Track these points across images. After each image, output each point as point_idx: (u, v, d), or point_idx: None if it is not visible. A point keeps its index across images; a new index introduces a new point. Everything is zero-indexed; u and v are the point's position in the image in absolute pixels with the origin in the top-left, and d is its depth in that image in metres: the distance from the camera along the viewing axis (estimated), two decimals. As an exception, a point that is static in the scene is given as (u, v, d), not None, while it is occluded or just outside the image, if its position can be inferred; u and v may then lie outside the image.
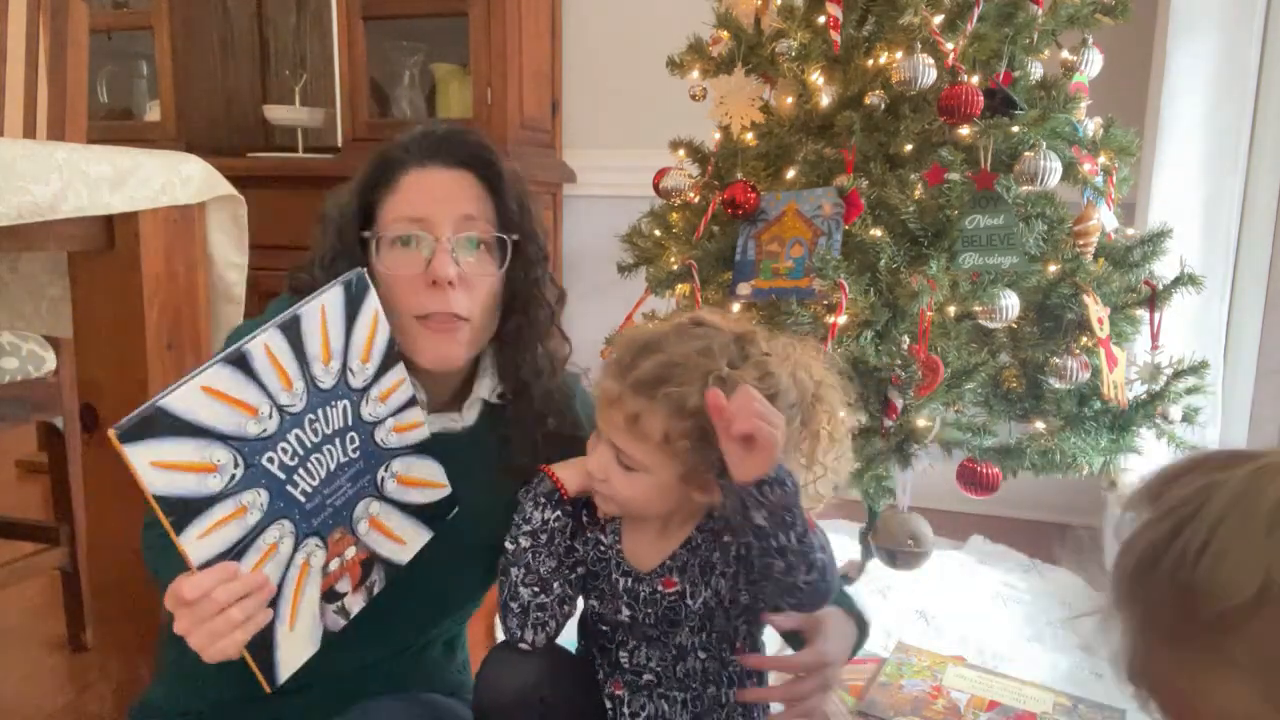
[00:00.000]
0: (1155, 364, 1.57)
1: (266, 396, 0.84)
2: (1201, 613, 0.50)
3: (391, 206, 1.00)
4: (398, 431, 0.98)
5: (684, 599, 1.03)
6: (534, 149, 2.59)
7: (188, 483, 0.79)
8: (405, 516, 1.00)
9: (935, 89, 1.47)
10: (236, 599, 0.80)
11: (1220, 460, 0.54)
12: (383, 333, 0.95)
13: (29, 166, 1.04)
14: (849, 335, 1.42)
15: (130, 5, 2.99)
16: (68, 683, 1.62)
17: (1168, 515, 0.52)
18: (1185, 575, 0.50)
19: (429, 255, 0.97)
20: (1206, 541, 0.50)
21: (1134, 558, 0.54)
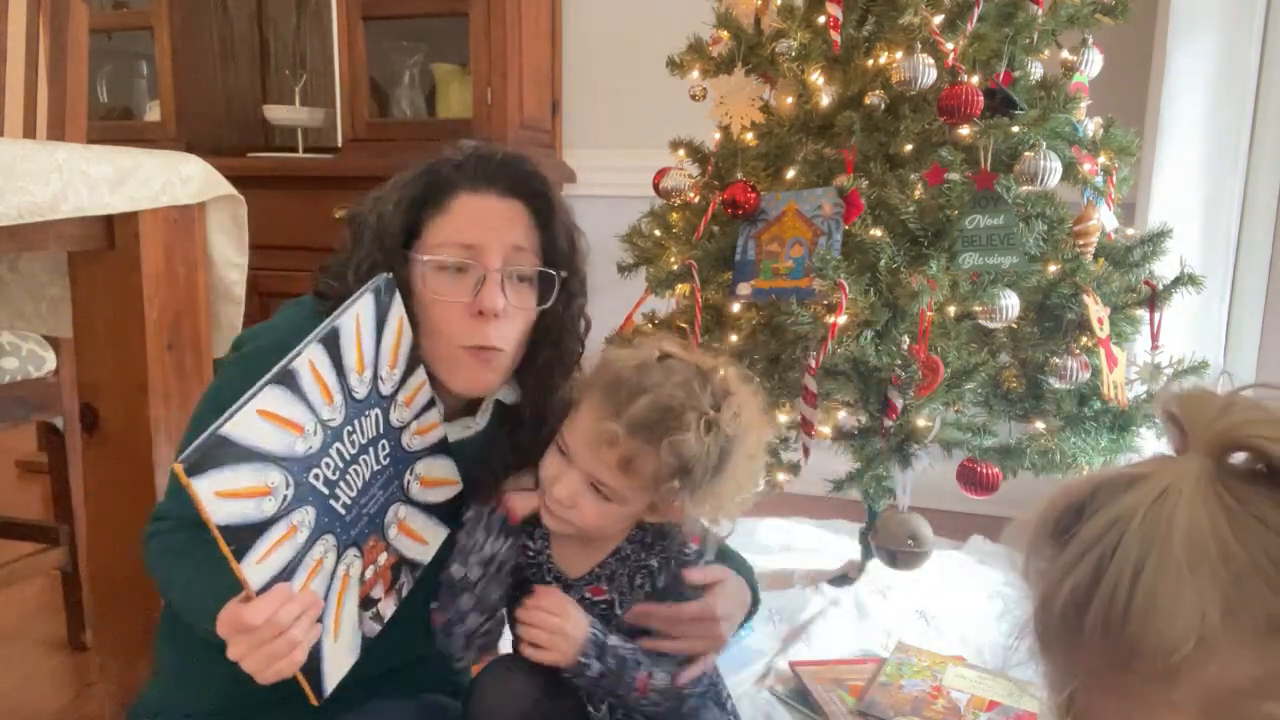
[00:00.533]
0: (1155, 364, 1.57)
1: (311, 413, 0.84)
2: (1138, 664, 0.48)
3: (440, 228, 0.99)
4: (420, 434, 0.98)
5: (613, 608, 1.06)
6: (534, 149, 2.59)
7: (246, 509, 0.78)
8: (427, 517, 1.00)
9: (935, 89, 1.47)
10: (294, 621, 0.80)
11: (1118, 484, 0.51)
12: (406, 337, 0.95)
13: (29, 166, 1.04)
14: (849, 335, 1.42)
15: (130, 5, 2.99)
16: (68, 683, 1.62)
17: (1085, 555, 0.50)
18: (1116, 628, 0.48)
19: (476, 284, 0.97)
20: (1131, 592, 0.47)
21: (1059, 606, 0.51)
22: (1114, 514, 0.50)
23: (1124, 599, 0.48)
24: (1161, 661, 0.47)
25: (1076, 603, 0.50)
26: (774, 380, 1.55)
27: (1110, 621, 0.48)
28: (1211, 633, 0.46)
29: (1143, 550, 0.47)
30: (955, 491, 1.50)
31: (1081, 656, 0.52)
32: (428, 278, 0.98)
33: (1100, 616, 0.49)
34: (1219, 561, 0.46)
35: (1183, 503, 0.47)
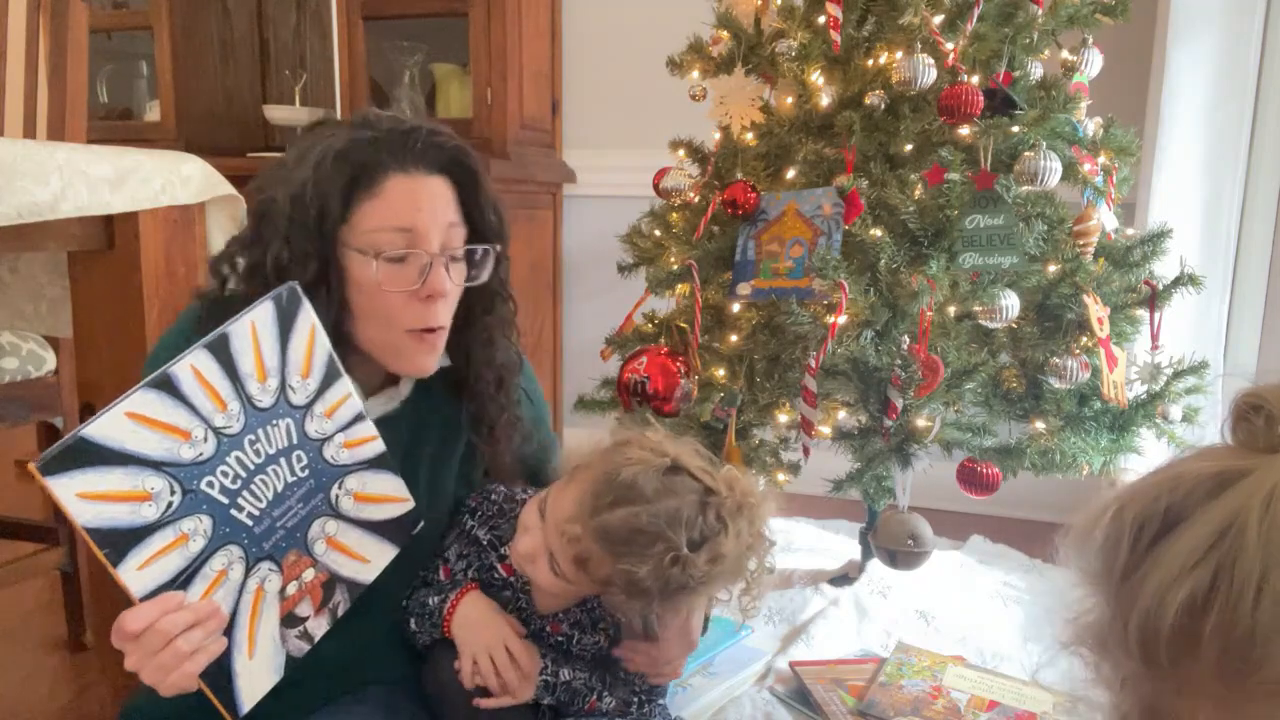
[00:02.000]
0: (1155, 364, 1.57)
1: (199, 419, 0.81)
2: (1256, 681, 0.46)
3: (374, 212, 0.95)
4: (348, 447, 0.95)
5: (570, 643, 1.11)
6: (534, 149, 2.59)
7: (119, 513, 0.76)
8: (366, 534, 0.98)
9: (935, 89, 1.47)
10: (183, 630, 0.78)
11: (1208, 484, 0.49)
12: (321, 346, 0.91)
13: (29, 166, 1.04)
14: (849, 335, 1.42)
15: (130, 5, 2.99)
16: (68, 683, 1.61)
17: (1197, 565, 0.47)
18: (1239, 643, 0.45)
19: (423, 270, 0.96)
20: (1256, 605, 0.44)
21: (1170, 618, 0.48)
22: (1221, 519, 0.47)
23: (1248, 612, 0.45)
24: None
25: (1192, 618, 0.47)
26: (774, 380, 1.55)
27: (1232, 640, 0.46)
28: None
29: (1266, 561, 0.45)
30: (955, 491, 1.50)
31: (1197, 677, 0.48)
32: (368, 265, 0.95)
33: (1221, 633, 0.46)
34: None
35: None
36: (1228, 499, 0.47)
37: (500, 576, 1.11)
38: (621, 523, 0.95)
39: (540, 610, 1.11)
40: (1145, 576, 0.49)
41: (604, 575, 0.98)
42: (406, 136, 0.96)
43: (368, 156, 0.95)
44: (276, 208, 0.95)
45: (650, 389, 1.52)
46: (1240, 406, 0.51)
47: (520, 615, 1.10)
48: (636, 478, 0.97)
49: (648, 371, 1.53)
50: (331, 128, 0.98)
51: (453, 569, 1.13)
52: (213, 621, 0.81)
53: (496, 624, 1.06)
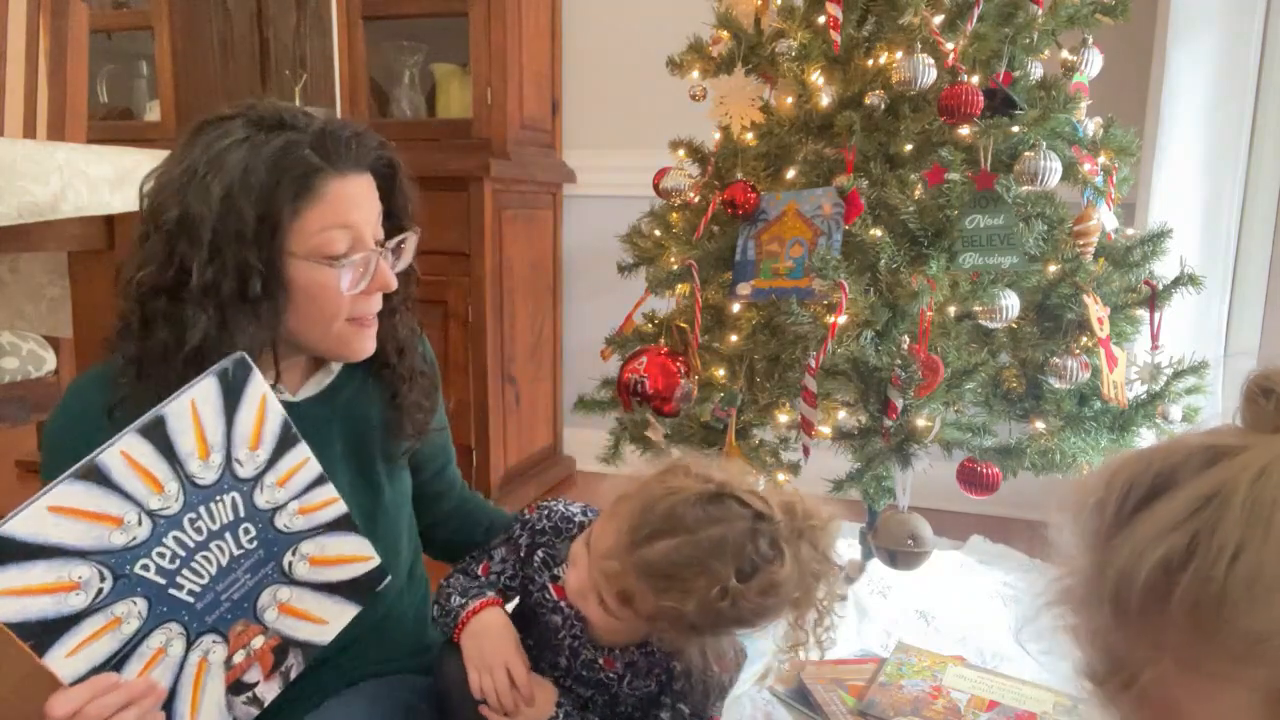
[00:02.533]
0: (1155, 364, 1.57)
1: (132, 504, 0.78)
2: (1223, 642, 0.47)
3: (314, 216, 0.92)
4: (304, 513, 0.92)
5: (620, 683, 1.06)
6: (534, 149, 2.59)
7: (43, 605, 0.75)
8: (325, 596, 0.95)
9: (935, 89, 1.47)
10: (115, 711, 0.77)
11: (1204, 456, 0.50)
12: (274, 416, 0.87)
13: (29, 166, 1.04)
14: (849, 335, 1.42)
15: (130, 5, 2.99)
16: (68, 683, 1.61)
17: (1176, 528, 0.48)
18: (1209, 606, 0.47)
19: (366, 265, 0.97)
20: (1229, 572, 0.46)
21: (1142, 578, 0.49)
22: (1208, 488, 0.48)
23: (1220, 578, 0.46)
24: (1251, 644, 0.46)
25: (1167, 576, 0.48)
26: (774, 380, 1.55)
27: (1203, 599, 0.47)
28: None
29: (1246, 531, 0.46)
30: (955, 491, 1.50)
31: (1161, 630, 0.50)
32: (318, 270, 0.94)
33: (1192, 593, 0.47)
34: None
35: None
36: (1218, 471, 0.49)
37: (551, 599, 1.06)
38: (662, 556, 0.90)
39: (597, 642, 1.06)
40: (1128, 535, 0.51)
41: (649, 611, 0.93)
42: (336, 139, 0.94)
43: (304, 162, 0.91)
44: (197, 221, 0.88)
45: (650, 389, 1.52)
46: (1250, 389, 0.52)
47: (574, 643, 1.06)
48: (675, 507, 0.92)
49: (648, 371, 1.53)
50: (234, 128, 0.91)
51: (492, 568, 1.11)
52: (148, 699, 0.80)
53: (504, 646, 1.02)
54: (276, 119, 0.93)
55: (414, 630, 1.18)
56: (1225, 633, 0.47)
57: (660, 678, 1.07)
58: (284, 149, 0.90)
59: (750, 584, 0.91)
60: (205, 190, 0.88)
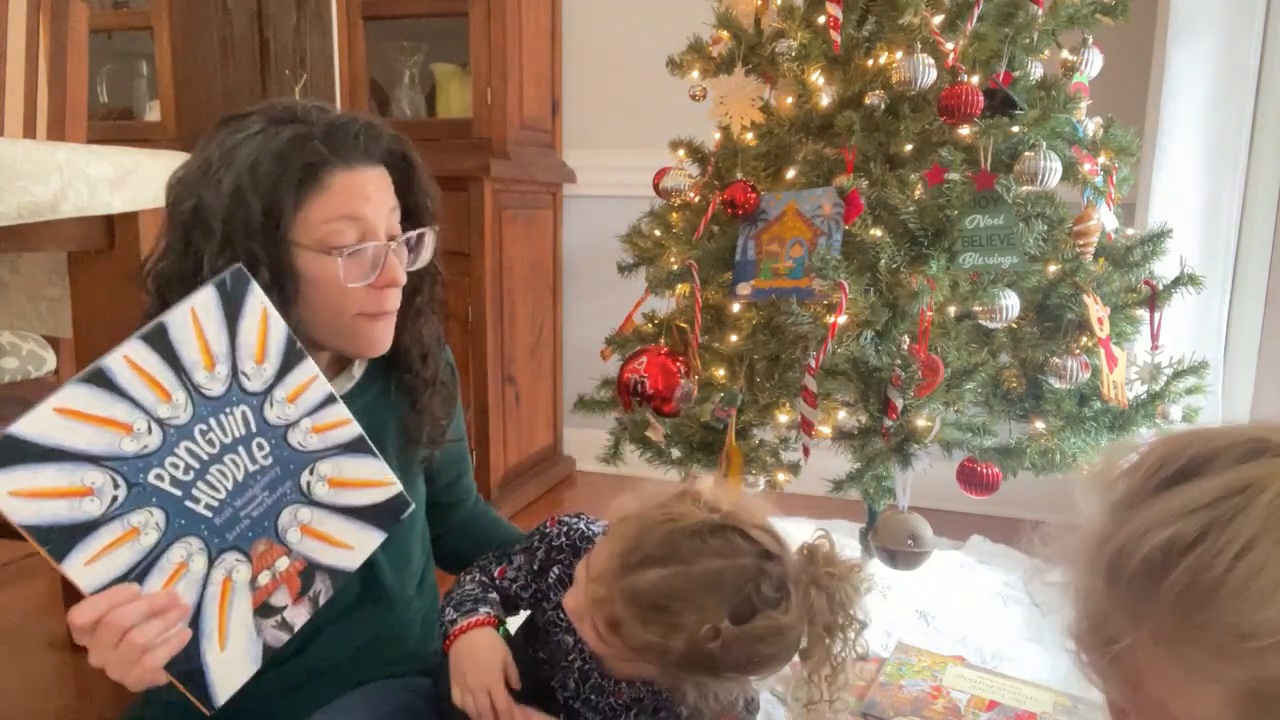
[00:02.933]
0: (1155, 364, 1.57)
1: (140, 411, 0.79)
2: (1206, 636, 0.47)
3: (321, 207, 0.93)
4: (317, 432, 0.91)
5: (625, 715, 1.02)
6: (534, 149, 2.59)
7: (58, 509, 0.75)
8: (346, 519, 0.95)
9: (935, 89, 1.47)
10: (138, 621, 0.77)
11: (1248, 448, 0.49)
12: (277, 330, 0.87)
13: (29, 166, 1.04)
14: (849, 335, 1.42)
15: (130, 5, 2.99)
16: (68, 683, 1.62)
17: (1194, 513, 0.48)
18: (1200, 595, 0.46)
19: (377, 260, 0.96)
20: (1231, 566, 0.45)
21: (1143, 551, 0.49)
22: (1240, 480, 0.47)
23: (1220, 570, 0.46)
24: (1234, 642, 0.46)
25: (1167, 558, 0.48)
26: (774, 380, 1.55)
27: (1196, 587, 0.47)
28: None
29: (1262, 529, 0.45)
30: (955, 491, 1.50)
31: (1145, 606, 0.50)
32: (324, 261, 0.94)
33: (1186, 578, 0.47)
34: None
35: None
36: (1253, 466, 0.48)
37: (564, 619, 1.01)
38: (651, 585, 0.84)
39: (605, 670, 1.01)
40: (1144, 509, 0.50)
41: (636, 644, 0.87)
42: (345, 131, 0.95)
43: (309, 155, 0.92)
44: (209, 213, 0.90)
45: (650, 389, 1.52)
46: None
47: (584, 666, 1.02)
48: (673, 534, 0.86)
49: (648, 371, 1.53)
50: (251, 122, 0.94)
51: (508, 574, 1.08)
52: (172, 613, 0.80)
53: (488, 669, 0.99)
54: (290, 114, 0.95)
55: (420, 636, 1.17)
56: (1210, 625, 0.47)
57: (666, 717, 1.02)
58: (291, 141, 0.92)
59: (746, 627, 0.84)
60: (218, 183, 0.90)
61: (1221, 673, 0.48)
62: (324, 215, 0.93)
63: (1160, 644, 0.50)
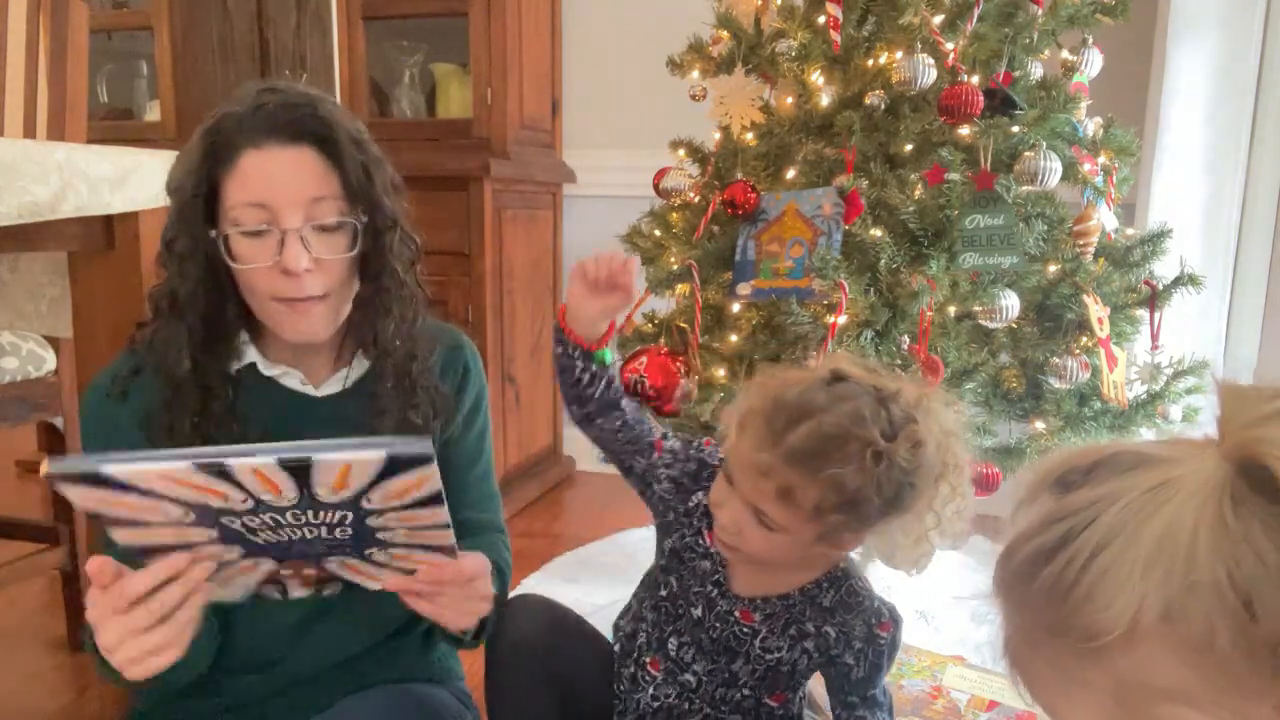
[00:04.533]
0: (1155, 364, 1.57)
1: (244, 492, 0.76)
2: (1069, 637, 0.50)
3: (232, 191, 0.93)
4: (404, 521, 0.84)
5: (753, 639, 1.04)
6: (534, 149, 2.59)
7: (121, 513, 0.75)
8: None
9: (935, 89, 1.47)
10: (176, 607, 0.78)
11: (1126, 462, 0.51)
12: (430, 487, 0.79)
13: (29, 166, 1.04)
14: (849, 335, 1.42)
15: (130, 5, 2.99)
16: (68, 683, 1.62)
17: (1060, 521, 0.51)
18: (1059, 598, 0.49)
19: (279, 245, 0.93)
20: (1083, 570, 0.48)
21: (1019, 559, 0.53)
22: (1104, 491, 0.50)
23: (1074, 574, 0.49)
24: (1087, 641, 0.49)
25: (1034, 562, 0.51)
26: (774, 380, 1.55)
27: (1056, 590, 0.50)
28: (1142, 630, 0.47)
29: (1110, 534, 0.48)
30: (955, 491, 1.50)
31: (1024, 612, 0.54)
32: (232, 245, 0.94)
33: (1049, 582, 0.50)
34: (1180, 567, 0.46)
35: (1176, 500, 0.47)
36: (1126, 479, 0.50)
37: (703, 544, 1.06)
38: (807, 437, 0.88)
39: (737, 590, 1.04)
40: (1030, 514, 0.55)
41: (814, 501, 0.90)
42: (262, 111, 0.92)
43: (225, 134, 0.92)
44: (173, 194, 0.95)
45: (650, 389, 1.52)
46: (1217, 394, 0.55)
47: (713, 592, 1.04)
48: (803, 394, 0.91)
49: (648, 371, 1.53)
50: (220, 107, 0.95)
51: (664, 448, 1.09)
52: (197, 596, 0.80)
53: None
54: (246, 94, 0.95)
55: (420, 646, 1.15)
56: (1068, 627, 0.50)
57: (795, 640, 1.04)
58: (217, 123, 0.92)
59: (898, 442, 0.89)
60: (181, 163, 0.95)
61: (1085, 676, 0.50)
62: (235, 199, 0.93)
63: (1036, 649, 0.54)
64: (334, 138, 0.94)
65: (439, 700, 1.08)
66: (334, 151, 0.95)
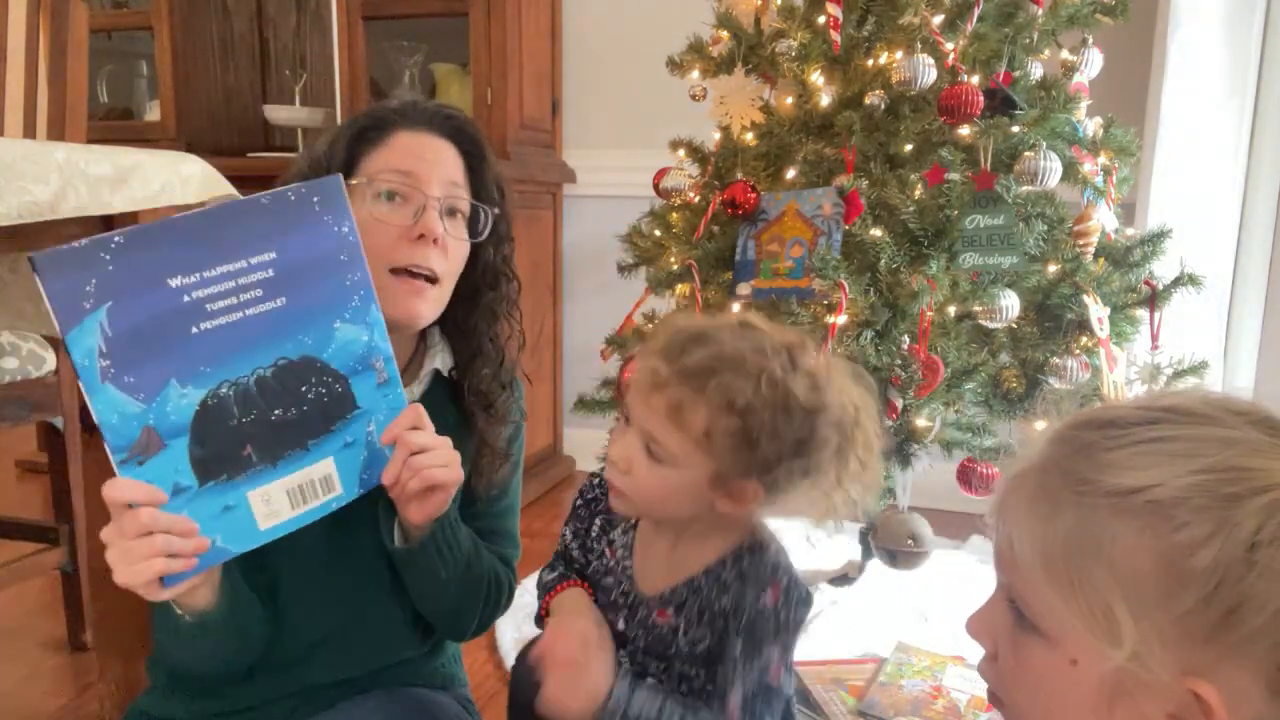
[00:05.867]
0: (1155, 364, 1.57)
1: None
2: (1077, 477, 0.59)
3: (378, 158, 1.00)
4: None
5: (676, 637, 0.98)
6: (534, 149, 2.59)
7: None
8: None
9: (935, 89, 1.47)
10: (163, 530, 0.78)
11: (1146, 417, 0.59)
12: None
13: (29, 166, 1.04)
14: (849, 335, 1.42)
15: (130, 5, 2.99)
16: (68, 683, 1.62)
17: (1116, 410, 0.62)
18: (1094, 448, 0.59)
19: (417, 211, 0.98)
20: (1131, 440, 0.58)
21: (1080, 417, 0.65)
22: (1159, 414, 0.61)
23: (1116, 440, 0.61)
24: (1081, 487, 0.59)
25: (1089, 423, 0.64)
26: (774, 380, 1.55)
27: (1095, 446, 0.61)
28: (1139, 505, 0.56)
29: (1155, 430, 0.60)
30: (955, 491, 1.50)
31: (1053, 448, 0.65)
32: (369, 204, 0.98)
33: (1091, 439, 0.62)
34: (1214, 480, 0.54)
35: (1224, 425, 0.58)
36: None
37: (606, 561, 1.03)
38: (703, 358, 0.86)
39: (645, 589, 0.99)
40: None
41: (704, 421, 0.86)
42: (416, 104, 1.04)
43: (380, 115, 1.02)
44: (298, 172, 1.01)
45: (650, 389, 1.52)
46: None
47: (625, 600, 1.00)
48: (706, 328, 0.90)
49: (648, 371, 1.52)
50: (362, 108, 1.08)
51: (562, 542, 1.08)
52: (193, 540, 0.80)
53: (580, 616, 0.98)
54: (385, 100, 1.06)
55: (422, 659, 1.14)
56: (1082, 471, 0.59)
57: (716, 629, 0.95)
58: (371, 108, 1.03)
59: (797, 372, 0.86)
60: (312, 149, 1.04)
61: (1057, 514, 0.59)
62: (379, 165, 1.00)
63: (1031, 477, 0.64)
64: (480, 143, 1.07)
65: (440, 705, 1.07)
66: (478, 154, 1.06)
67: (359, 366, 0.89)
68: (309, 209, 0.83)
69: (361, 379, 0.89)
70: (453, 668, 1.18)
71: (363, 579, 1.03)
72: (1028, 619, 0.62)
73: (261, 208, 0.81)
